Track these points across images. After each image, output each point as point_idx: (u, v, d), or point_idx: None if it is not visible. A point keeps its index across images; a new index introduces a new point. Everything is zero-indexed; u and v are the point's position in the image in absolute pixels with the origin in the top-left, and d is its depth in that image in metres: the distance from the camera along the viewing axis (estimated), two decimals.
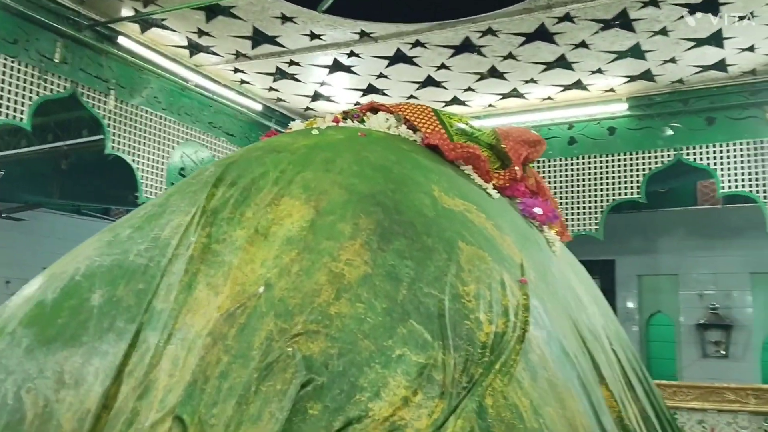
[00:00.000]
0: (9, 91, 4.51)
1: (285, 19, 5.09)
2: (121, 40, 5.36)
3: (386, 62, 5.74)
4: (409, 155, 2.51)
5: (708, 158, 6.07)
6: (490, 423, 1.53)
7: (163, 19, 5.22)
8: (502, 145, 2.90)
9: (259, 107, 6.81)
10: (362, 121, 2.91)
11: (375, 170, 2.25)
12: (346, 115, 2.99)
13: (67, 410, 1.69)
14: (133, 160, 5.53)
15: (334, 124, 2.86)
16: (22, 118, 4.59)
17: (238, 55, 5.81)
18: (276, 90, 6.58)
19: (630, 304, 10.08)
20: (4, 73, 4.49)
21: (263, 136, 3.00)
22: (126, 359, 1.73)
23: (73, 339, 1.84)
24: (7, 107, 4.50)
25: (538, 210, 2.87)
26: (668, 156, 6.22)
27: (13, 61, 4.57)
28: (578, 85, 6.07)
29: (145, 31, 5.42)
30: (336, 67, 5.90)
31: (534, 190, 3.03)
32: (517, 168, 2.84)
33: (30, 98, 4.65)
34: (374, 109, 2.99)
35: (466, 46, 5.34)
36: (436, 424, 1.48)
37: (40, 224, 9.96)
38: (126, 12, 5.16)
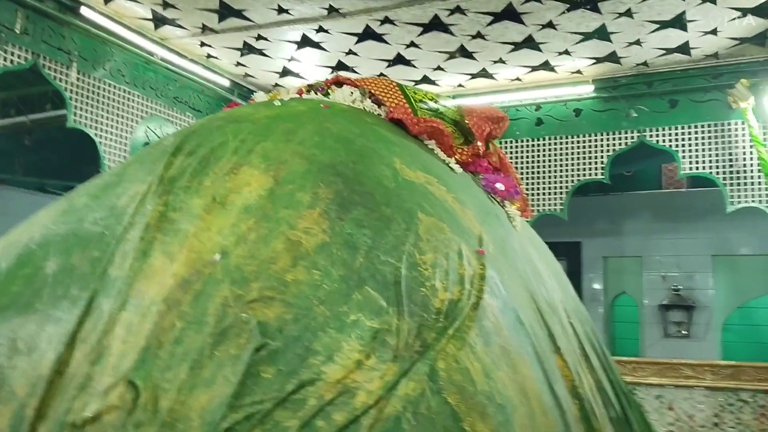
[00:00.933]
0: None
1: None
2: (83, 11, 5.24)
3: (355, 39, 5.70)
4: (372, 128, 2.51)
5: (670, 140, 6.18)
6: (442, 385, 1.56)
7: None
8: (466, 121, 2.92)
9: (226, 83, 6.73)
10: (327, 95, 2.91)
11: (337, 141, 2.25)
12: (310, 88, 2.99)
13: (20, 376, 1.68)
14: (96, 135, 5.43)
15: (298, 96, 2.86)
16: None
17: (205, 29, 5.73)
18: (244, 65, 6.50)
19: (595, 286, 10.25)
20: None
21: (225, 107, 2.98)
22: (79, 326, 1.71)
23: (26, 307, 1.82)
24: None
25: (500, 186, 2.91)
26: (632, 138, 6.32)
27: None
28: (546, 66, 6.11)
29: (109, 2, 5.31)
30: (305, 42, 5.85)
31: (497, 167, 3.06)
32: (479, 144, 2.87)
33: None
34: (339, 82, 2.99)
35: (434, 24, 5.33)
36: (388, 386, 1.50)
37: (3, 202, 9.76)
38: None
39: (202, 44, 6.06)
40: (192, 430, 1.45)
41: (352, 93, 2.87)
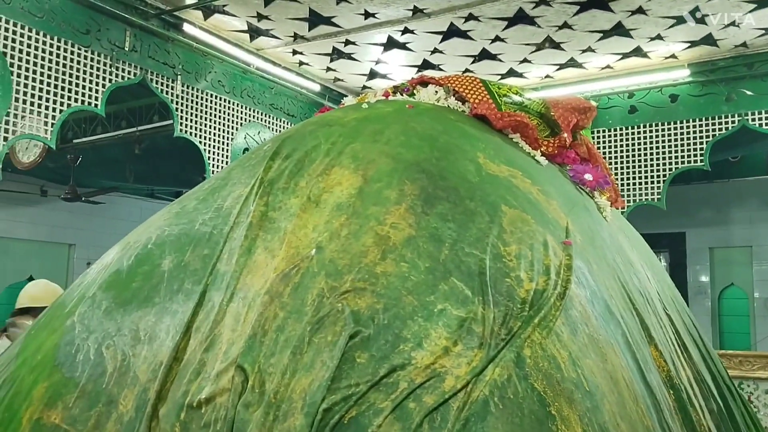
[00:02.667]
0: (84, 79, 4.81)
1: None
2: (185, 27, 5.60)
3: (440, 37, 5.77)
4: (456, 125, 2.58)
5: None
6: (528, 372, 1.61)
7: (224, 5, 5.41)
8: (551, 113, 2.93)
9: (317, 87, 6.97)
10: (412, 95, 3.00)
11: (421, 140, 2.34)
12: (396, 89, 3.09)
13: (143, 363, 1.85)
14: (200, 142, 5.79)
15: (384, 98, 2.96)
16: (96, 105, 4.89)
17: (296, 37, 5.96)
18: (333, 70, 6.71)
19: (702, 278, 9.86)
20: (78, 62, 4.78)
21: (317, 112, 3.13)
22: (194, 317, 1.88)
23: (146, 300, 2.01)
24: (83, 94, 4.80)
25: (588, 176, 2.90)
26: (732, 122, 6.04)
27: (86, 50, 4.86)
28: (638, 52, 5.95)
29: (208, 17, 5.63)
30: (390, 44, 5.97)
31: (585, 157, 3.05)
32: (565, 135, 2.87)
33: (103, 85, 4.94)
34: (424, 82, 3.07)
35: (519, 18, 5.32)
36: (475, 371, 1.57)
37: (116, 208, 10.48)
38: None
39: (294, 52, 6.30)
40: (295, 410, 1.57)
41: (436, 92, 2.95)
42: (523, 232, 2.01)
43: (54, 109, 4.60)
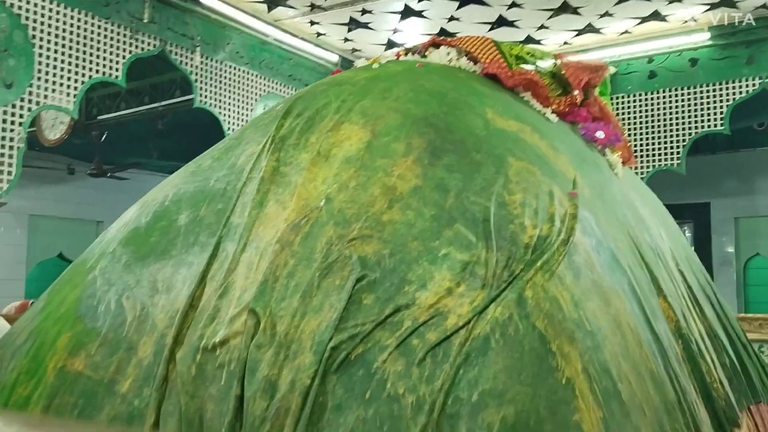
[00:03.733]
0: (104, 51, 4.89)
1: None
2: None
3: (456, 4, 5.74)
4: (466, 82, 2.61)
5: None
6: (529, 312, 1.66)
7: None
8: (563, 72, 2.94)
9: (335, 58, 6.99)
10: (424, 56, 3.02)
11: (430, 96, 2.37)
12: (408, 50, 3.11)
13: (160, 312, 1.94)
14: (220, 113, 5.87)
15: (396, 59, 2.99)
16: (117, 76, 4.98)
17: (313, 7, 5.98)
18: (351, 40, 6.73)
19: (727, 248, 9.76)
20: (99, 34, 4.86)
21: (330, 75, 3.17)
22: (208, 267, 1.96)
23: (164, 254, 2.10)
24: (104, 65, 4.89)
25: (600, 134, 2.91)
26: (753, 85, 5.93)
27: (106, 22, 4.94)
28: (656, 16, 5.85)
29: None
30: (407, 12, 5.96)
31: (597, 116, 3.05)
32: (576, 92, 2.88)
33: (123, 56, 5.02)
34: (436, 44, 3.09)
35: None
36: (477, 310, 1.62)
37: (143, 184, 10.55)
38: None
39: (312, 23, 6.32)
40: (304, 349, 1.64)
41: (448, 53, 2.96)
42: (528, 183, 2.05)
43: (76, 80, 4.69)
